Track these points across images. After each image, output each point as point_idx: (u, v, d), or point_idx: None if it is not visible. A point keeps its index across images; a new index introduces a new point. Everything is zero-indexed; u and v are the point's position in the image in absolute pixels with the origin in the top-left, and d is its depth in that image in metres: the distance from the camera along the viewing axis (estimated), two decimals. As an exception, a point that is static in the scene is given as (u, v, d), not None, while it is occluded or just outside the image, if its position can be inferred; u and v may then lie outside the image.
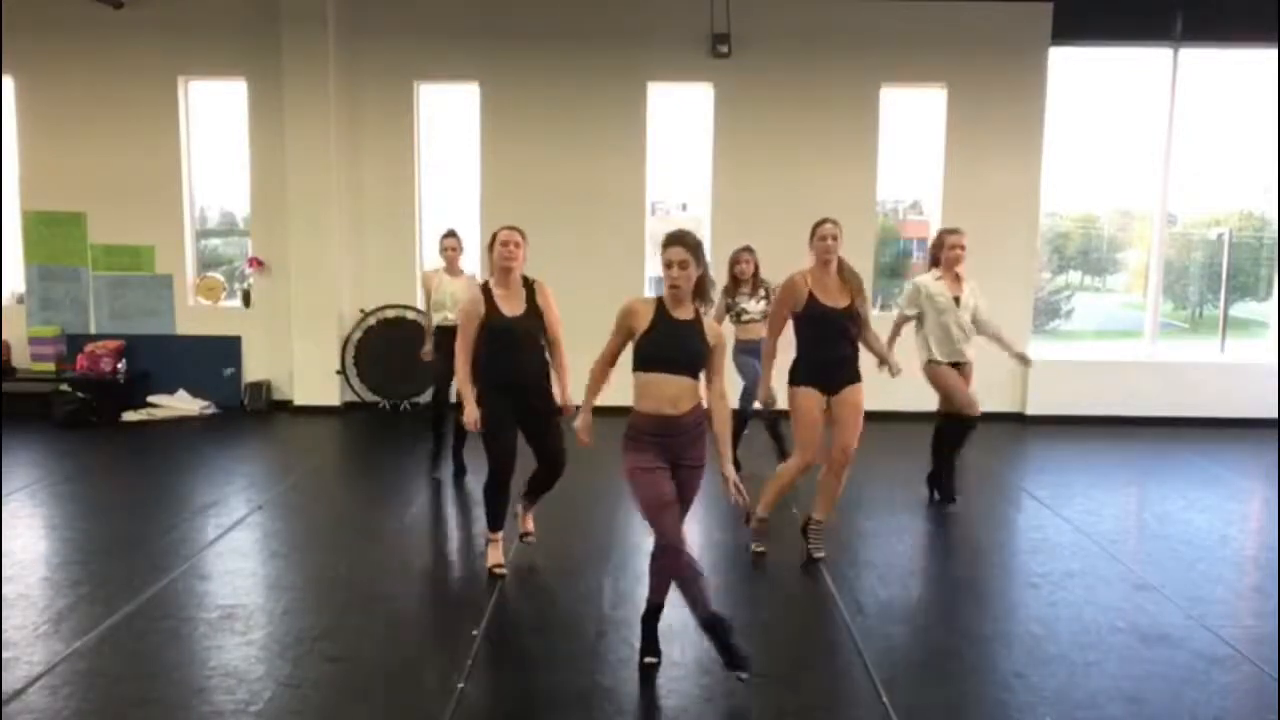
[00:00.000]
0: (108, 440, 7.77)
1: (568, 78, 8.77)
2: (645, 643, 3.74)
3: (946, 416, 6.04)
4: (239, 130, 8.91)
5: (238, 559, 4.94)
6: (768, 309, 6.41)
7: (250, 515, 5.65)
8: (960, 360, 5.86)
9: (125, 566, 4.74)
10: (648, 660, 3.70)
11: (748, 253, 6.62)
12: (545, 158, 8.83)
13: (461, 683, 3.56)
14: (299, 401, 8.98)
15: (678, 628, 3.94)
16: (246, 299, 9.13)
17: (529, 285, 4.66)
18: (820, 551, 4.94)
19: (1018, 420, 8.74)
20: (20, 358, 8.91)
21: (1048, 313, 10.23)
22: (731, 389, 4.08)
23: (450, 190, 9.26)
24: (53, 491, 6.24)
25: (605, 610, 4.30)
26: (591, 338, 5.16)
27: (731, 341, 5.12)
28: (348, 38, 8.73)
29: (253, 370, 9.14)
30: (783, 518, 5.85)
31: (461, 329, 4.52)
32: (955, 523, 5.83)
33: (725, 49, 8.53)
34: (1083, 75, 9.07)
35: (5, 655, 3.72)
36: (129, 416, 8.50)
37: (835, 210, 8.97)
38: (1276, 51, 8.51)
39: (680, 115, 9.17)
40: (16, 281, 9.20)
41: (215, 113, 9.10)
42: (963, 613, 4.40)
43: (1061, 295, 10.49)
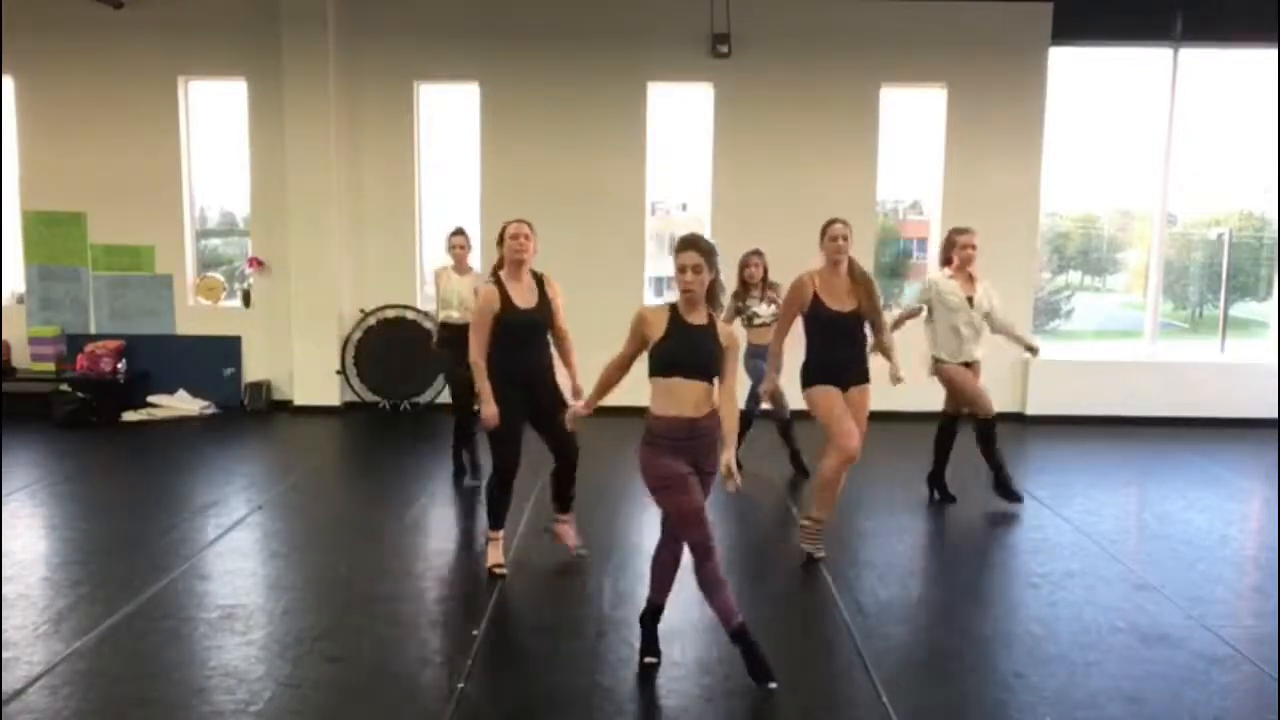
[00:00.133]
0: (108, 440, 7.77)
1: (568, 78, 8.77)
2: (645, 643, 3.74)
3: (950, 416, 6.04)
4: (239, 130, 8.91)
5: (238, 559, 4.94)
6: (778, 311, 6.43)
7: (250, 515, 5.65)
8: (969, 360, 5.85)
9: (125, 566, 4.74)
10: (648, 660, 3.70)
11: (757, 256, 6.57)
12: (545, 158, 8.83)
13: (461, 683, 3.56)
14: (299, 401, 8.98)
15: (678, 628, 3.94)
16: (246, 299, 9.13)
17: (537, 278, 4.68)
18: (820, 552, 4.94)
19: (1018, 420, 8.73)
20: (20, 358, 8.91)
21: (1048, 313, 10.23)
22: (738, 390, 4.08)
23: (450, 190, 9.27)
24: (53, 491, 6.24)
25: (605, 610, 4.30)
26: (591, 337, 5.18)
27: (743, 345, 5.13)
28: (348, 38, 8.73)
29: (253, 370, 9.14)
30: (783, 518, 5.86)
31: (477, 324, 4.49)
32: (955, 523, 5.83)
33: (725, 49, 8.53)
34: (1083, 75, 9.08)
35: (5, 655, 3.72)
36: (129, 416, 8.50)
37: (835, 210, 8.98)
38: (1276, 51, 8.51)
39: (680, 115, 9.18)
40: (16, 281, 9.20)
41: (215, 113, 9.10)
42: (963, 613, 4.40)
43: (1061, 295, 10.50)
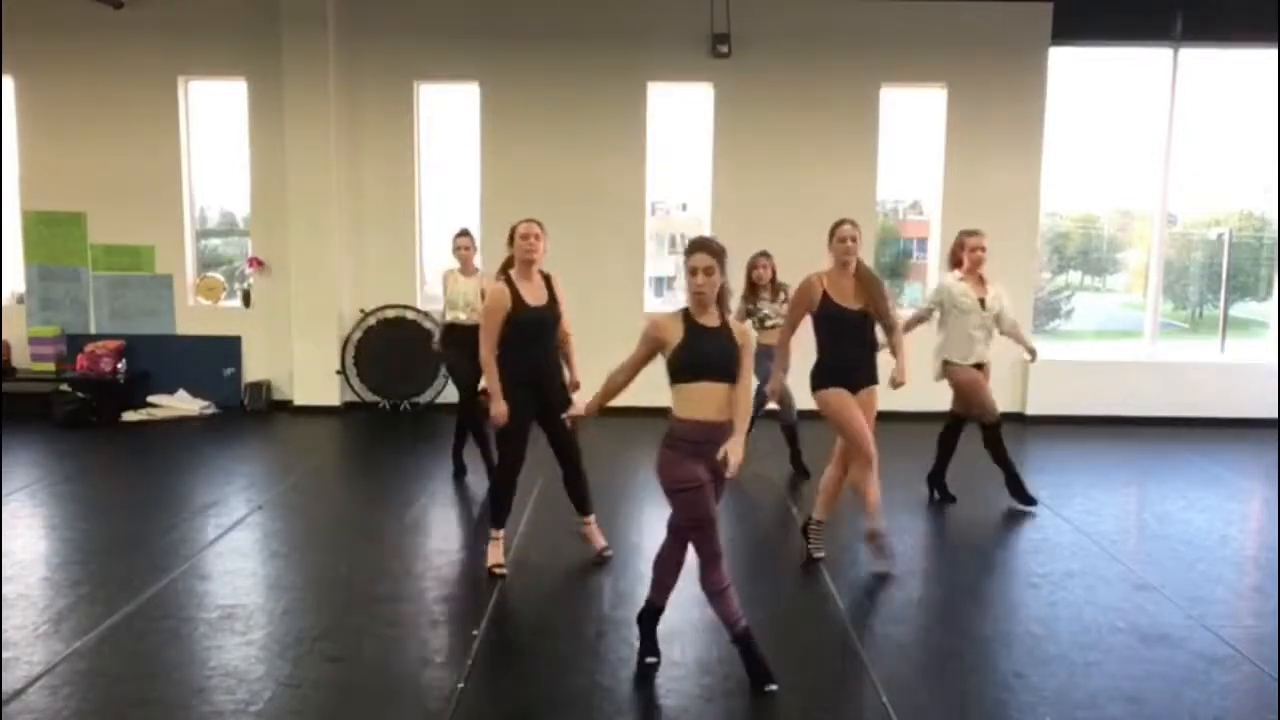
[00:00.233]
0: (108, 440, 7.77)
1: (568, 78, 8.77)
2: (644, 643, 3.74)
3: (957, 417, 6.03)
4: (239, 130, 8.91)
5: (238, 559, 4.94)
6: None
7: (250, 515, 5.65)
8: (979, 362, 5.84)
9: (125, 566, 4.74)
10: (648, 660, 3.70)
11: (765, 257, 6.55)
12: (545, 158, 8.83)
13: (461, 683, 3.56)
14: (299, 401, 8.98)
15: (678, 628, 3.94)
16: (246, 299, 9.13)
17: (545, 277, 4.71)
18: (820, 552, 4.94)
19: (1018, 420, 8.73)
20: (20, 358, 8.91)
21: (1048, 313, 10.23)
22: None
23: (450, 190, 9.27)
24: (53, 491, 6.24)
25: (605, 610, 4.30)
26: (591, 337, 5.19)
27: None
28: (348, 38, 8.73)
29: (253, 370, 9.14)
30: (783, 518, 5.86)
31: (487, 323, 4.50)
32: (955, 523, 5.83)
33: (725, 49, 8.53)
34: (1083, 75, 9.08)
35: (5, 655, 3.72)
36: (129, 416, 8.50)
37: (835, 210, 8.93)
38: (1276, 51, 8.51)
39: (680, 115, 9.18)
40: (16, 281, 9.20)
41: (215, 113, 9.10)
42: (963, 613, 4.39)
43: (1061, 295, 10.50)
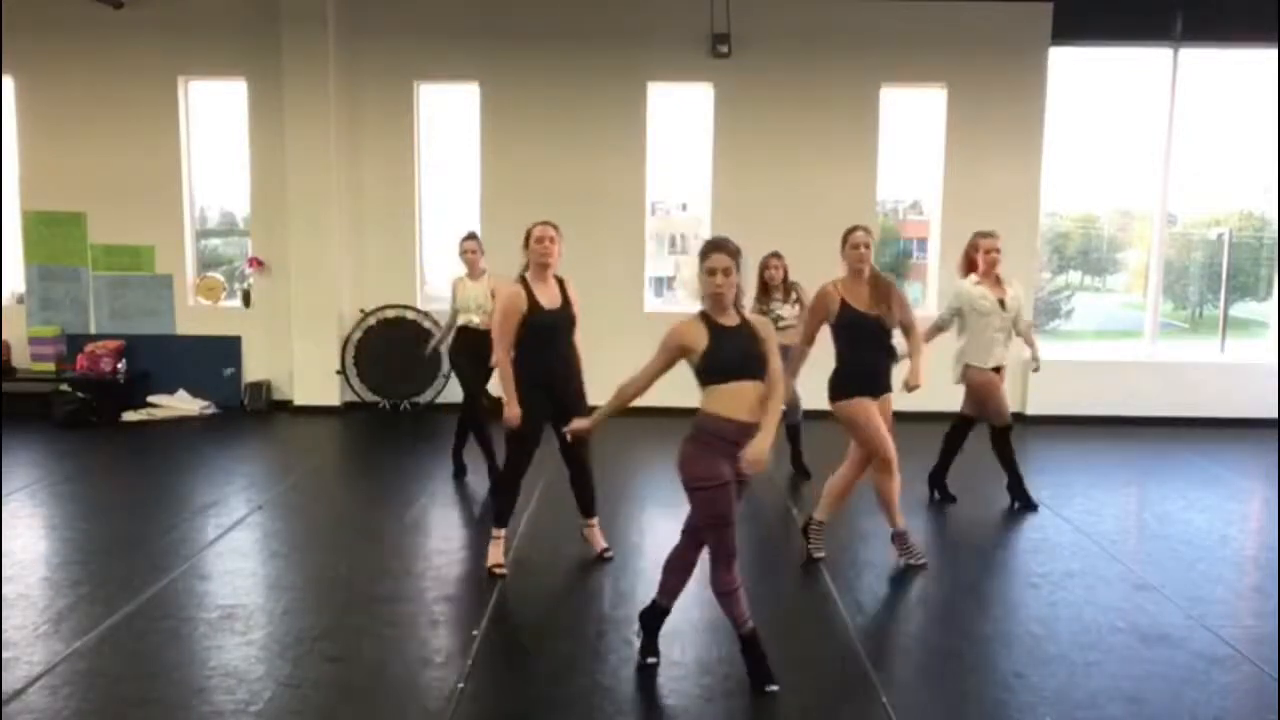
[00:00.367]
0: (108, 440, 7.77)
1: (568, 78, 8.77)
2: (646, 642, 3.74)
3: (965, 419, 6.02)
4: (239, 130, 8.91)
5: (238, 559, 4.94)
6: (800, 313, 6.40)
7: (250, 515, 5.65)
8: (999, 365, 5.82)
9: (125, 566, 4.74)
10: (649, 661, 3.70)
11: (776, 258, 6.49)
12: (545, 158, 8.83)
13: (461, 683, 3.56)
14: (299, 401, 8.98)
15: (678, 628, 3.94)
16: (246, 299, 9.13)
17: (558, 280, 4.72)
18: (820, 552, 4.94)
19: (1018, 420, 8.67)
20: (20, 358, 8.91)
21: (1048, 313, 10.23)
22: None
23: (450, 190, 9.27)
24: (53, 491, 6.24)
25: (605, 610, 4.30)
26: (590, 337, 5.16)
27: None
28: (348, 38, 8.73)
29: (253, 370, 9.14)
30: (783, 518, 5.85)
31: (502, 325, 4.50)
32: (955, 523, 5.83)
33: (725, 49, 8.53)
34: (1083, 75, 9.07)
35: (5, 655, 3.72)
36: (129, 416, 8.50)
37: (835, 210, 8.97)
38: (1276, 51, 8.51)
39: (680, 115, 9.18)
40: (16, 281, 9.20)
41: (215, 113, 9.11)
42: (963, 613, 4.39)
43: (1061, 295, 10.50)
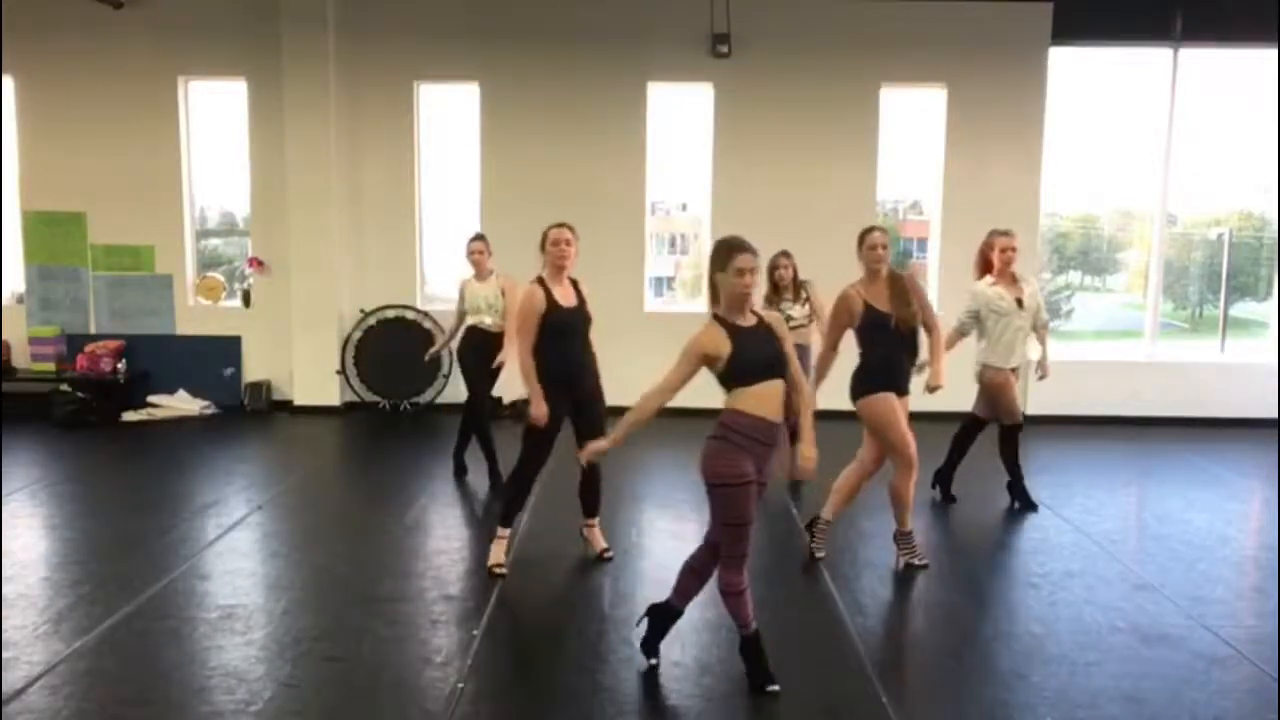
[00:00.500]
0: (108, 440, 7.77)
1: (568, 78, 8.77)
2: (650, 642, 3.72)
3: (976, 420, 6.02)
4: (239, 130, 8.91)
5: (238, 559, 4.94)
6: (811, 312, 6.40)
7: (250, 515, 5.65)
8: (1018, 365, 5.80)
9: (125, 566, 4.74)
10: (651, 662, 3.70)
11: (785, 257, 6.45)
12: (545, 158, 8.83)
13: (461, 683, 3.56)
14: (299, 401, 8.98)
15: (678, 627, 3.92)
16: (246, 299, 9.13)
17: (571, 280, 4.76)
18: (821, 551, 4.94)
19: (1018, 420, 8.73)
20: (20, 358, 8.91)
21: (1048, 312, 10.21)
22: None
23: (450, 190, 9.27)
24: (53, 491, 6.24)
25: (605, 610, 4.30)
26: (591, 338, 5.16)
27: None
28: (348, 38, 8.72)
29: (253, 370, 9.14)
30: (784, 517, 5.85)
31: (523, 325, 4.52)
32: (955, 523, 5.83)
33: (725, 49, 8.53)
34: (1083, 75, 9.07)
35: (5, 655, 3.72)
36: (129, 416, 8.50)
37: (835, 210, 8.99)
38: (1276, 51, 8.50)
39: (680, 115, 9.17)
40: (16, 281, 9.20)
41: (215, 113, 9.10)
42: (963, 613, 4.40)
43: (1061, 295, 10.50)
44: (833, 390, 4.84)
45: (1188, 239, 10.04)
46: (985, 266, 5.84)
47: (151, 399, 8.76)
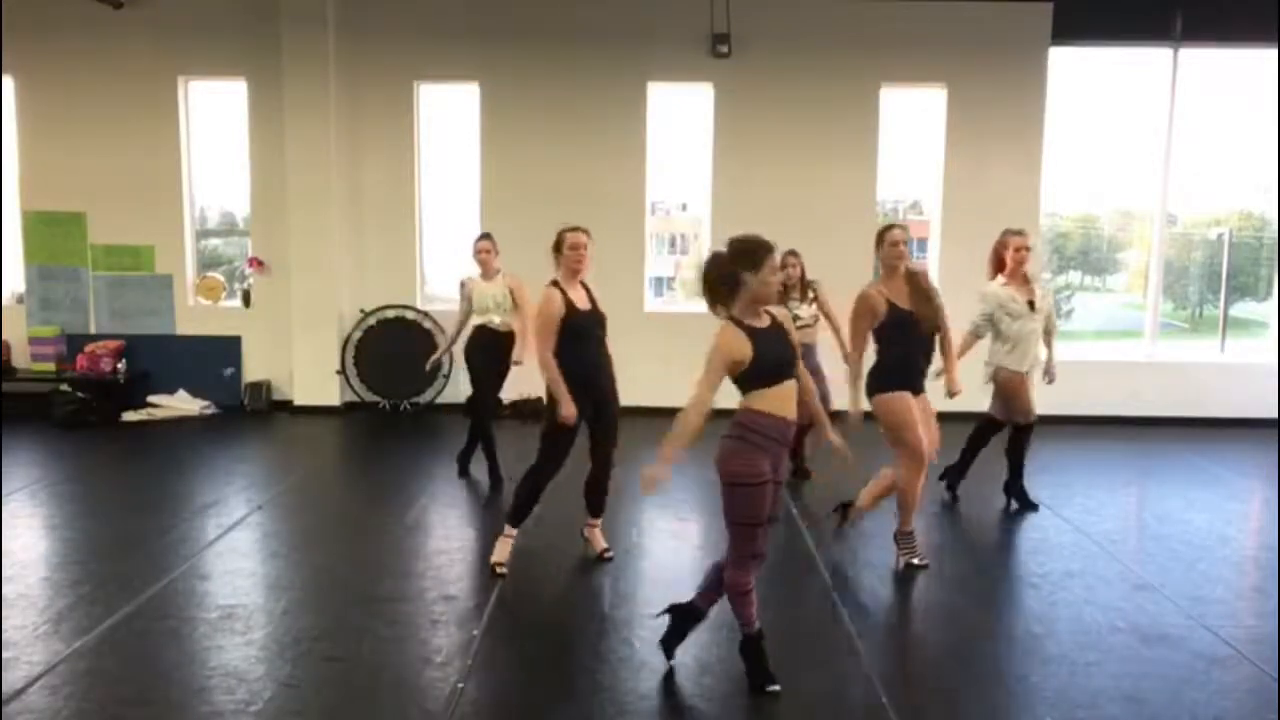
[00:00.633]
0: (108, 440, 7.76)
1: (568, 78, 8.77)
2: (671, 641, 3.72)
3: (992, 421, 6.01)
4: (239, 130, 8.91)
5: (238, 559, 4.94)
6: (818, 312, 6.40)
7: (250, 515, 5.65)
8: (1031, 367, 5.78)
9: (125, 566, 4.74)
10: (670, 663, 3.69)
11: (793, 256, 6.40)
12: (545, 158, 8.83)
13: (461, 683, 3.56)
14: (299, 401, 8.97)
15: (678, 628, 3.94)
16: (246, 299, 9.13)
17: (583, 285, 4.76)
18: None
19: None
20: (20, 358, 8.91)
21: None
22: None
23: (450, 190, 9.27)
24: (53, 491, 6.24)
25: (605, 610, 4.31)
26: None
27: None
28: (348, 38, 8.72)
29: (253, 370, 9.14)
30: (784, 517, 5.85)
31: (543, 328, 4.54)
32: (956, 523, 5.83)
33: (725, 49, 8.53)
34: (1083, 75, 9.07)
35: (5, 655, 3.72)
36: (129, 416, 8.50)
37: (835, 210, 8.99)
38: (1276, 51, 8.51)
39: (680, 115, 9.17)
40: (16, 281, 9.20)
41: (215, 113, 9.10)
42: (963, 613, 4.40)
43: (1062, 295, 10.49)
44: (840, 392, 4.83)
45: (1188, 239, 10.04)
46: (998, 265, 5.78)
47: (151, 399, 8.76)
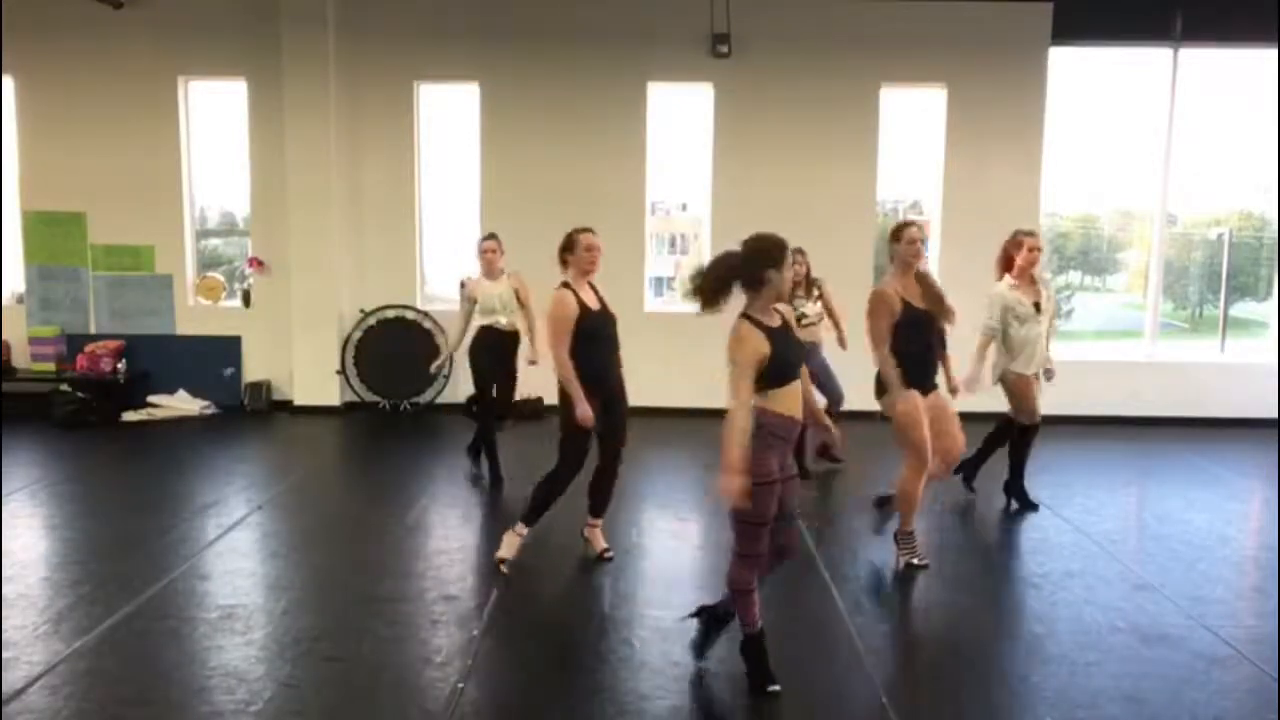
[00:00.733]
0: (108, 440, 7.76)
1: (568, 78, 8.77)
2: (701, 645, 3.72)
3: (1011, 422, 6.01)
4: (239, 130, 8.91)
5: (238, 559, 4.94)
6: (822, 309, 6.43)
7: (250, 515, 5.65)
8: (1039, 369, 5.77)
9: (125, 566, 4.74)
10: (700, 665, 3.69)
11: (800, 254, 6.37)
12: (545, 158, 8.83)
13: (461, 683, 3.56)
14: (299, 401, 8.97)
15: (677, 628, 3.94)
16: (246, 299, 9.13)
17: (591, 284, 4.77)
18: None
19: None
20: (20, 358, 8.91)
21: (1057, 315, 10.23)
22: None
23: (450, 190, 9.27)
24: (53, 491, 6.24)
25: (605, 610, 4.30)
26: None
27: None
28: (348, 38, 8.72)
29: (253, 370, 9.13)
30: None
31: (558, 330, 4.54)
32: (955, 522, 5.83)
33: (725, 49, 8.53)
34: (1083, 75, 9.07)
35: (5, 655, 3.72)
36: (129, 416, 8.50)
37: (835, 210, 9.00)
38: (1276, 51, 8.50)
39: (680, 115, 9.17)
40: (16, 281, 9.19)
41: (215, 113, 9.10)
42: (963, 613, 4.40)
43: (1062, 295, 10.49)
44: (855, 392, 4.82)
45: (1188, 239, 10.04)
46: (1007, 265, 5.74)
47: (151, 399, 8.76)
